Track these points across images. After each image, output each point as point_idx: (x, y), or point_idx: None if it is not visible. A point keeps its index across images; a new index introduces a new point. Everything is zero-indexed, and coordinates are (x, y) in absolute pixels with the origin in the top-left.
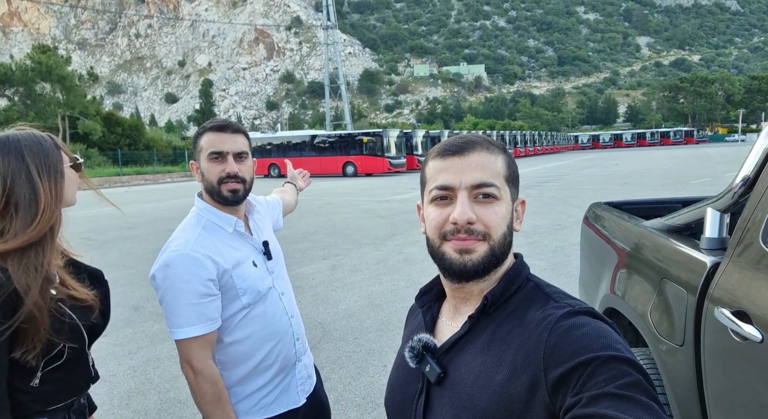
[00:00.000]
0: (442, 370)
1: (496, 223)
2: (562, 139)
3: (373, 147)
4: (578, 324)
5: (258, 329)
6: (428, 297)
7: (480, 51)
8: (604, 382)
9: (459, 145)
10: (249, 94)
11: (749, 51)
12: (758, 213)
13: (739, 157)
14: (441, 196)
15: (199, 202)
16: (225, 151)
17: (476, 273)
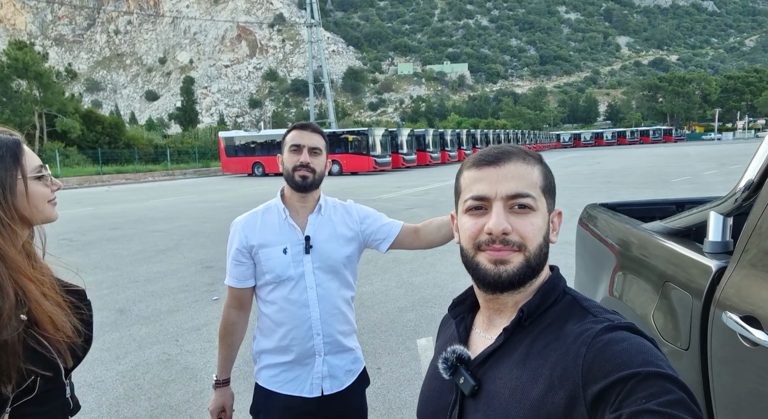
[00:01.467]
0: (477, 383)
1: (532, 234)
2: (544, 137)
3: (359, 145)
4: (618, 339)
5: (277, 309)
6: (461, 308)
7: (463, 50)
8: (645, 399)
9: (494, 155)
10: (231, 92)
11: (725, 51)
12: (766, 218)
13: (716, 156)
14: (476, 206)
15: (278, 194)
16: (302, 144)
17: (511, 285)
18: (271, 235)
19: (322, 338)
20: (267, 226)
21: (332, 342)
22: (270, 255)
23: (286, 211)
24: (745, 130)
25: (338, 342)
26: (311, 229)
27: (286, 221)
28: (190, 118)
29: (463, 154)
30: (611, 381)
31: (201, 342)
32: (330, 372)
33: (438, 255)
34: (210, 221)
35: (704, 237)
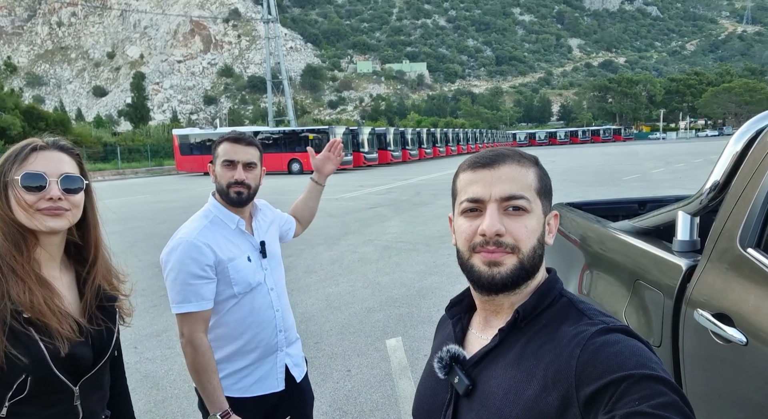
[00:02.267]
0: (471, 383)
1: (526, 236)
2: (501, 136)
3: (320, 144)
4: (612, 341)
5: (244, 316)
6: (458, 309)
7: (422, 49)
8: (638, 401)
9: (489, 158)
10: (185, 88)
11: (668, 54)
12: (734, 218)
13: (662, 155)
14: (471, 208)
15: (212, 200)
16: (236, 160)
17: (504, 286)
18: (232, 247)
19: (284, 333)
20: (225, 238)
21: (290, 334)
22: (238, 266)
23: (241, 222)
24: (686, 130)
25: (293, 332)
26: (259, 234)
27: (237, 230)
28: (142, 114)
29: (423, 152)
30: (604, 382)
31: (161, 349)
32: (294, 362)
33: (403, 255)
34: (165, 222)
35: (672, 236)
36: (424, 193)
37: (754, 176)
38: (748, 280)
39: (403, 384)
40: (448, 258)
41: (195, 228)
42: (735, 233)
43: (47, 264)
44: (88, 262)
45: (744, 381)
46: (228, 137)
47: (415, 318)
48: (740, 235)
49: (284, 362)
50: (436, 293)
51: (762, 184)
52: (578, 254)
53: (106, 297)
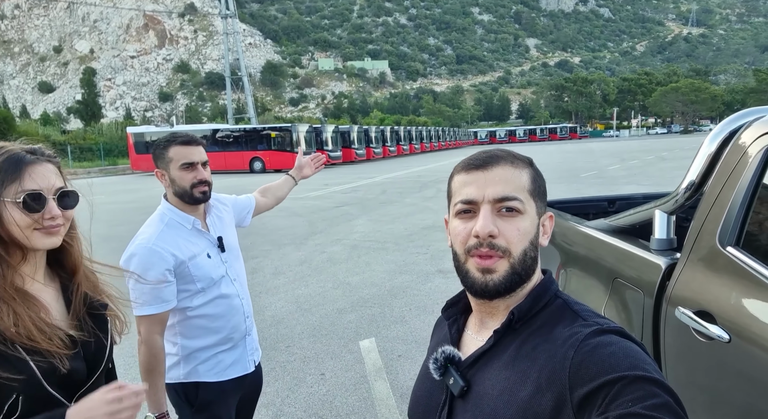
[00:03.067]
0: (466, 384)
1: (517, 238)
2: (463, 134)
3: (282, 142)
4: (605, 342)
5: (214, 308)
6: (454, 310)
7: (383, 47)
8: (631, 402)
9: (483, 159)
10: (139, 84)
11: (620, 55)
12: (712, 218)
13: (616, 152)
14: (465, 209)
15: (165, 203)
16: (195, 161)
17: (498, 293)
18: (191, 246)
19: (250, 319)
20: (183, 239)
21: (251, 320)
22: (199, 264)
23: (196, 222)
24: (638, 128)
25: (252, 319)
26: (216, 229)
27: (194, 229)
28: (93, 112)
29: (387, 150)
30: (598, 384)
31: (124, 357)
32: (254, 346)
33: (372, 254)
34: (123, 224)
35: (648, 235)
36: (390, 191)
37: (730, 177)
38: (729, 278)
39: (378, 386)
40: (418, 256)
41: (152, 234)
42: (714, 232)
43: (31, 276)
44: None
45: (727, 377)
46: (179, 140)
47: (387, 319)
48: (719, 234)
49: (251, 345)
50: (408, 292)
51: (739, 184)
52: (553, 253)
53: (96, 305)
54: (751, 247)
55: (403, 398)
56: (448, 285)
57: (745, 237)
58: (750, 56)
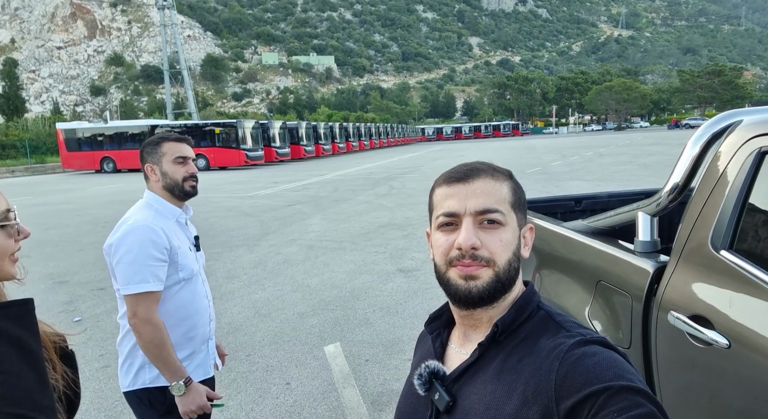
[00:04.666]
0: (452, 399)
1: (501, 249)
2: (411, 131)
3: (227, 138)
4: (589, 353)
5: (186, 303)
6: (438, 324)
7: (329, 42)
8: (617, 413)
9: (464, 172)
10: (67, 77)
11: (557, 54)
12: (703, 221)
13: (557, 148)
14: (447, 222)
15: (150, 194)
16: (187, 156)
17: (481, 300)
18: (177, 235)
19: (214, 322)
20: (172, 229)
21: (214, 321)
22: (185, 254)
23: (182, 215)
24: (575, 125)
25: (214, 324)
26: (192, 228)
27: (178, 222)
28: (15, 106)
29: (336, 147)
30: (584, 395)
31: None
32: (215, 351)
33: (330, 254)
34: (55, 227)
35: (630, 237)
36: (343, 188)
37: (720, 180)
38: (726, 283)
39: (348, 393)
40: (377, 255)
41: (148, 215)
42: (706, 236)
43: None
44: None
45: (727, 383)
46: (170, 137)
47: (351, 322)
48: (712, 238)
49: (213, 350)
50: (370, 293)
51: (730, 188)
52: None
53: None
54: (745, 251)
55: (374, 405)
56: (410, 285)
57: (738, 241)
58: (673, 58)
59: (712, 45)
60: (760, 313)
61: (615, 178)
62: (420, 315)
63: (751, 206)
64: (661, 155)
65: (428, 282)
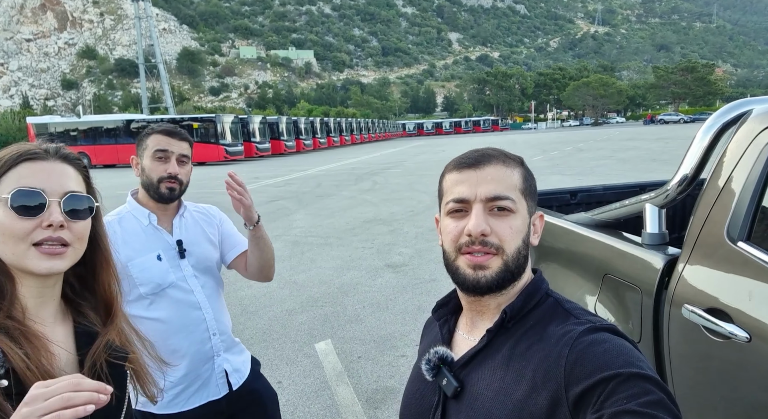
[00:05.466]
0: (459, 384)
1: (510, 237)
2: (391, 126)
3: (206, 133)
4: (599, 340)
5: (163, 319)
6: (445, 311)
7: (308, 36)
8: (626, 399)
9: (475, 158)
10: (37, 70)
11: (535, 50)
12: (717, 212)
13: (537, 143)
14: (457, 208)
15: (129, 196)
16: (171, 151)
17: (489, 289)
18: (137, 244)
19: (218, 337)
20: (129, 235)
21: (226, 339)
22: (143, 265)
23: (152, 216)
24: (554, 121)
25: (230, 337)
26: (179, 233)
27: (150, 226)
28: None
29: (317, 142)
30: (593, 381)
31: None
32: (234, 368)
33: (316, 250)
34: None
35: (635, 230)
36: (326, 184)
37: (735, 170)
38: (745, 275)
39: (342, 391)
40: (363, 251)
41: (113, 214)
42: (721, 227)
43: (35, 311)
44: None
45: (747, 378)
46: (161, 129)
47: (341, 318)
48: (728, 229)
49: (223, 367)
50: (358, 289)
51: (747, 178)
52: None
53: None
54: (764, 242)
55: (369, 402)
56: (399, 280)
57: (756, 232)
58: (648, 54)
59: (685, 42)
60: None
61: (595, 173)
62: (410, 310)
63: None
64: (639, 150)
65: (417, 277)
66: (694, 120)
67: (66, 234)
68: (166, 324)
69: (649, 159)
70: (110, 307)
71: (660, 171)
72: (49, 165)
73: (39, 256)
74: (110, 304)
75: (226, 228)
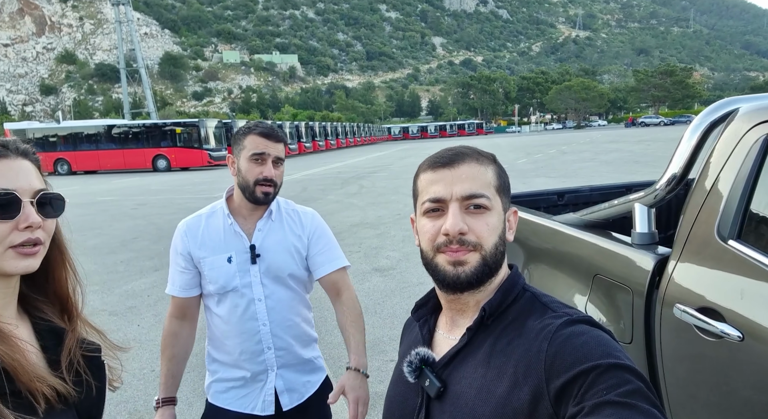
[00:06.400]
0: (442, 384)
1: (487, 234)
2: (377, 130)
3: (189, 138)
4: (577, 332)
5: (224, 320)
6: (424, 311)
7: (292, 41)
8: (606, 390)
9: (449, 157)
10: (15, 76)
11: (518, 55)
12: (707, 211)
13: (521, 146)
14: (433, 208)
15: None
16: (268, 153)
17: (470, 285)
18: (215, 242)
19: (274, 352)
20: (211, 232)
21: (287, 355)
22: (214, 264)
23: (231, 217)
24: (537, 124)
25: (295, 354)
26: (259, 237)
27: (231, 227)
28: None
29: (303, 146)
30: (573, 374)
31: None
32: (287, 386)
33: None
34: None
35: (623, 230)
36: (312, 188)
37: (724, 168)
38: (736, 274)
39: None
40: (351, 255)
41: (191, 217)
42: (711, 225)
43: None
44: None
45: (740, 377)
46: (258, 130)
47: (328, 323)
48: (718, 228)
49: (274, 384)
50: None
51: (737, 176)
52: (515, 249)
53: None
54: (755, 241)
55: None
56: (387, 284)
57: (746, 231)
58: (628, 58)
59: (663, 46)
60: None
61: (579, 175)
62: (399, 314)
63: (759, 195)
64: (621, 152)
65: (405, 280)
66: (673, 122)
67: (40, 233)
68: (227, 325)
69: (631, 160)
70: (65, 301)
71: (642, 172)
72: (13, 163)
73: (16, 257)
74: (65, 298)
75: (316, 242)
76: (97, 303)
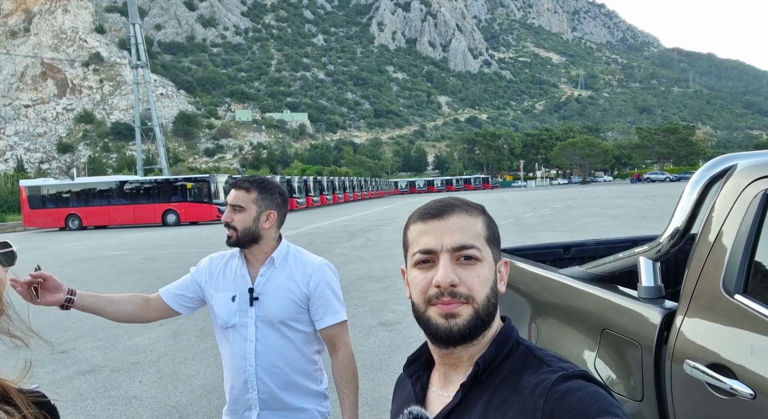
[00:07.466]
0: None
1: (479, 285)
2: (384, 184)
3: (199, 193)
4: (573, 388)
5: (226, 354)
6: (417, 366)
7: (302, 100)
8: None
9: (438, 208)
10: (34, 135)
11: (522, 113)
12: (711, 265)
13: (527, 200)
14: (424, 259)
15: None
16: (228, 201)
17: (462, 338)
18: (227, 281)
19: (257, 393)
20: (227, 271)
21: (269, 399)
22: (221, 301)
23: (242, 258)
24: (542, 179)
25: (278, 399)
26: (261, 281)
27: (240, 270)
28: None
29: (311, 200)
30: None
31: None
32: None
33: None
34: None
35: (629, 283)
36: (319, 241)
37: (726, 223)
38: (744, 329)
39: None
40: (356, 309)
41: (219, 253)
42: (716, 280)
43: None
44: None
45: None
46: (232, 182)
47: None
48: (723, 282)
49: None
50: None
51: (739, 230)
52: (522, 303)
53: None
54: (761, 295)
55: None
56: (393, 339)
57: (752, 285)
58: (630, 116)
59: (665, 105)
60: None
61: (586, 229)
62: None
63: (762, 250)
64: (628, 207)
65: (412, 335)
66: (679, 179)
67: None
68: (226, 359)
69: (638, 216)
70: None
71: (650, 227)
72: None
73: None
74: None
75: (319, 295)
76: (99, 359)
